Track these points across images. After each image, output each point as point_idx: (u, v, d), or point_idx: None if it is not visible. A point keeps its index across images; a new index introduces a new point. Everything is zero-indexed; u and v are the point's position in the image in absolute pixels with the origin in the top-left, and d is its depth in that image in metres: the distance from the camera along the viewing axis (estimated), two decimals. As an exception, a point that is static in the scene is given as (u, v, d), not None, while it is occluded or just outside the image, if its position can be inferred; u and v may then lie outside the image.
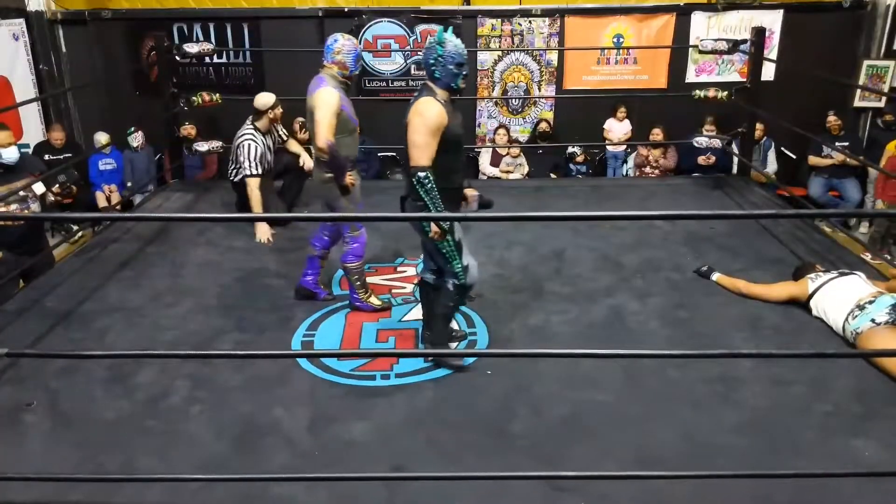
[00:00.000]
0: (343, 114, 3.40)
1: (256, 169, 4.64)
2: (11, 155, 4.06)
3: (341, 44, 3.48)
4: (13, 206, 4.06)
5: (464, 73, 2.94)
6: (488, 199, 3.18)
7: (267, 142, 4.79)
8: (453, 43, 2.90)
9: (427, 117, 2.83)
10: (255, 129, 4.72)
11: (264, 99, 4.71)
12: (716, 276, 3.90)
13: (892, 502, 2.34)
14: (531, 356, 3.18)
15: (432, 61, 2.91)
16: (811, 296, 3.49)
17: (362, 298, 3.67)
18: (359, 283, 3.65)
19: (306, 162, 4.87)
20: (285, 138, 5.04)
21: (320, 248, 3.76)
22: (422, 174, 2.81)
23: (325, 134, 3.31)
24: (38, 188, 4.24)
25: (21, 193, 4.10)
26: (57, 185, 4.37)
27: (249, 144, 4.65)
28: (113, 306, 3.74)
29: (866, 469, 2.49)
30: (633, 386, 2.99)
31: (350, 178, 3.49)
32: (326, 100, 3.35)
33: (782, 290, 3.66)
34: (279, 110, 4.76)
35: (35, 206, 4.22)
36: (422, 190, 2.83)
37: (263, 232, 4.67)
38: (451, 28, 2.98)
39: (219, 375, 3.08)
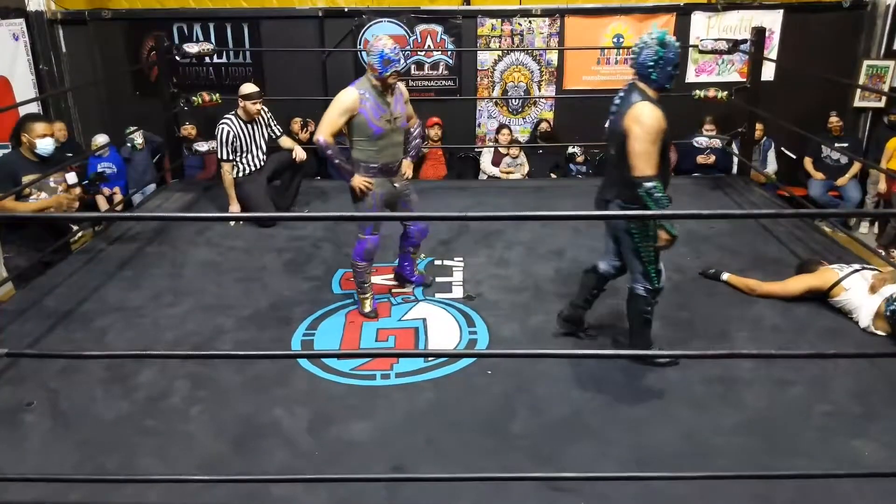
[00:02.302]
0: (359, 117, 3.35)
1: (226, 152, 4.79)
2: (46, 146, 3.96)
3: (370, 44, 3.36)
4: (42, 196, 4.03)
5: (676, 73, 2.87)
6: None
7: (248, 130, 4.84)
8: (673, 44, 2.82)
9: (649, 125, 2.74)
10: (235, 115, 4.83)
11: (241, 88, 4.84)
12: (726, 277, 3.89)
13: (892, 502, 2.34)
14: (531, 356, 3.18)
15: (651, 63, 2.81)
16: (837, 283, 3.48)
17: (358, 297, 3.70)
18: (358, 281, 3.66)
19: (298, 154, 4.95)
20: (279, 133, 5.05)
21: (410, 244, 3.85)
22: (649, 185, 2.73)
23: (320, 129, 3.36)
24: (71, 178, 4.15)
25: (52, 184, 4.07)
26: (87, 181, 4.30)
27: (222, 128, 4.78)
28: (113, 306, 3.74)
29: (866, 469, 2.49)
30: (633, 386, 2.99)
31: (361, 181, 3.45)
32: (336, 98, 3.38)
33: (800, 283, 3.63)
34: (251, 104, 4.79)
35: None
36: (650, 200, 2.75)
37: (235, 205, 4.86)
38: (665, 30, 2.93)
39: (219, 375, 3.08)
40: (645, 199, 2.77)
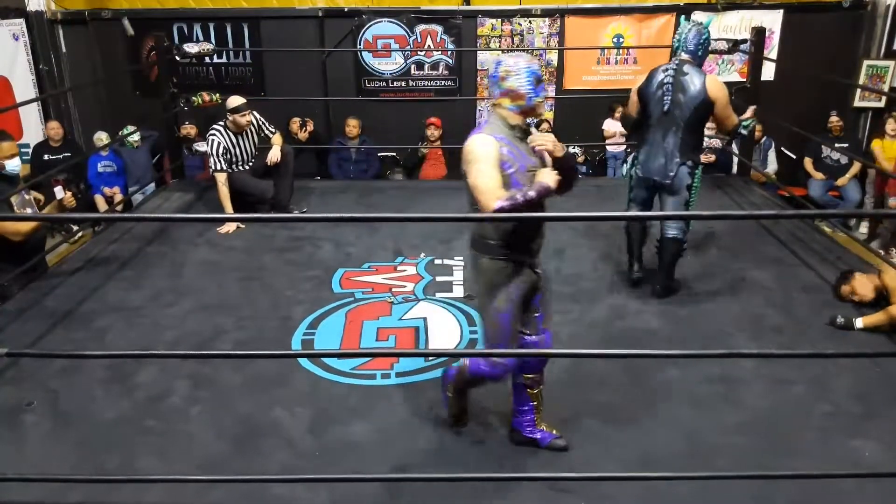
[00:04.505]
0: (504, 174, 2.28)
1: (220, 164, 4.76)
2: (15, 166, 3.97)
3: (503, 65, 2.40)
4: (28, 211, 4.00)
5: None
6: None
7: (237, 141, 4.84)
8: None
9: (725, 88, 3.53)
10: (224, 125, 4.82)
11: (228, 102, 4.81)
12: (861, 323, 3.36)
13: (892, 502, 2.34)
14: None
15: (701, 42, 3.52)
16: None
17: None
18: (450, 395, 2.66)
19: (270, 157, 4.89)
20: (272, 132, 5.04)
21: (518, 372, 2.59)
22: (745, 122, 3.69)
23: (485, 201, 2.21)
24: (59, 193, 4.10)
25: (27, 197, 4.07)
26: (69, 193, 4.31)
27: (212, 140, 4.77)
28: (113, 306, 3.73)
29: (866, 469, 2.49)
30: (633, 386, 2.99)
31: (552, 175, 2.34)
32: (472, 152, 2.27)
33: None
34: (240, 117, 4.76)
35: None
36: (745, 131, 3.78)
37: (229, 224, 4.77)
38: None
39: (219, 375, 3.08)
40: (742, 131, 3.74)
